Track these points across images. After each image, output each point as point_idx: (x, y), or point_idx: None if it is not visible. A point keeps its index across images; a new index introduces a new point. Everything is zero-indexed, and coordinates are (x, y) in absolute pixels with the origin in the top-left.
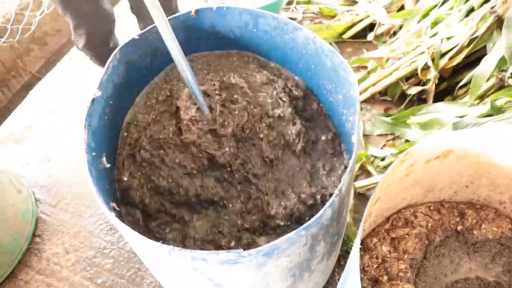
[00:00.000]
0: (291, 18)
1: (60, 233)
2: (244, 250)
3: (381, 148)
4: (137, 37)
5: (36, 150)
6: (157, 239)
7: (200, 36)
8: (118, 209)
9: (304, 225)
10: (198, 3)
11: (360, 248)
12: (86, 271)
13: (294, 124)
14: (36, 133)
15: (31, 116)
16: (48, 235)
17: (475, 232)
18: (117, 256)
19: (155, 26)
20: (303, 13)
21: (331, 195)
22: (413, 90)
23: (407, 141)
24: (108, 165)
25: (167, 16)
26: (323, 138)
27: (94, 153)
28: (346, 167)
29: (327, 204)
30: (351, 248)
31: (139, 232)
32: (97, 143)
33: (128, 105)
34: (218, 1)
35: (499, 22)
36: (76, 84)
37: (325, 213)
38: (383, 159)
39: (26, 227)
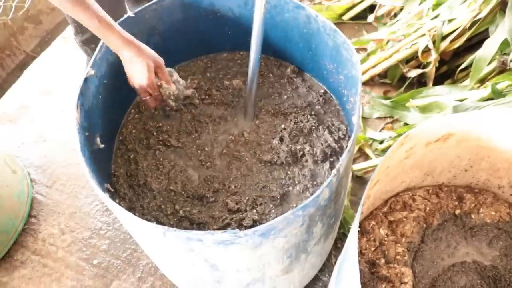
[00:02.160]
0: None
1: (56, 213)
2: (240, 230)
3: (380, 131)
4: (133, 15)
5: (31, 130)
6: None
7: (198, 15)
8: (112, 190)
9: (301, 204)
10: None
11: (358, 231)
12: (82, 252)
13: None
14: (31, 113)
15: (26, 95)
16: (44, 216)
17: (473, 216)
18: (113, 237)
19: (152, 4)
20: None
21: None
22: (413, 73)
23: (406, 124)
24: (102, 145)
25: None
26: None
27: (87, 133)
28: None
29: (325, 184)
30: (348, 231)
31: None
32: (91, 123)
33: (122, 86)
34: None
35: (502, 4)
36: (71, 63)
37: (322, 193)
38: (381, 142)
39: (21, 207)
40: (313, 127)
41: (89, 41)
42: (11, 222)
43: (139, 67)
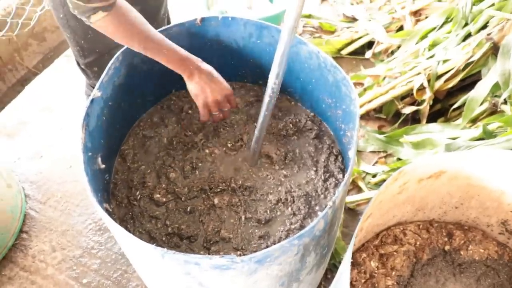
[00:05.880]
0: None
1: (48, 230)
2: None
3: (373, 164)
4: None
5: (28, 145)
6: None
7: (203, 44)
8: (110, 210)
9: (297, 234)
10: (200, 11)
11: None
12: (72, 270)
13: None
14: (29, 129)
15: (25, 111)
16: (36, 232)
17: (462, 252)
18: (105, 257)
19: (161, 31)
20: (303, 27)
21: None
22: (408, 110)
23: (399, 159)
24: (103, 166)
25: (154, 25)
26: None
27: (90, 153)
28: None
29: (321, 215)
30: (339, 262)
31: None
32: (94, 144)
33: (126, 107)
34: (221, 10)
35: (494, 49)
36: (72, 82)
37: (318, 223)
38: (374, 176)
39: (13, 222)
40: (306, 149)
41: (92, 65)
42: (1, 237)
43: (220, 79)
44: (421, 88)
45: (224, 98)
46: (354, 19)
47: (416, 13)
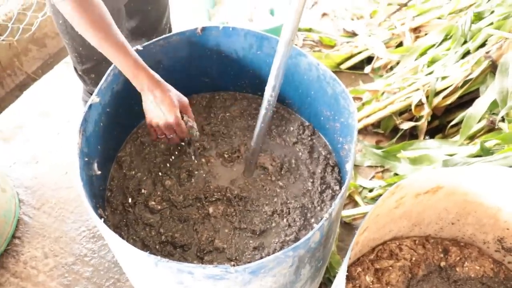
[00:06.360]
0: None
1: (41, 236)
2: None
3: (370, 179)
4: (141, 48)
5: (24, 150)
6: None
7: (203, 54)
8: (104, 216)
9: (293, 245)
10: (201, 22)
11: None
12: (63, 277)
13: None
14: (26, 133)
15: (22, 116)
16: (28, 238)
17: (457, 269)
18: (97, 265)
19: (160, 39)
20: (303, 40)
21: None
22: (406, 125)
23: (396, 174)
24: (99, 172)
25: (155, 35)
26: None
27: (86, 159)
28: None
29: (316, 227)
30: (333, 277)
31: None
32: (90, 149)
33: (124, 114)
34: (222, 21)
35: (493, 67)
36: (71, 88)
37: (313, 235)
38: (371, 190)
39: (6, 227)
40: (302, 160)
41: (89, 71)
42: None
43: (167, 105)
44: (420, 104)
45: (174, 121)
46: (354, 34)
47: (415, 30)
